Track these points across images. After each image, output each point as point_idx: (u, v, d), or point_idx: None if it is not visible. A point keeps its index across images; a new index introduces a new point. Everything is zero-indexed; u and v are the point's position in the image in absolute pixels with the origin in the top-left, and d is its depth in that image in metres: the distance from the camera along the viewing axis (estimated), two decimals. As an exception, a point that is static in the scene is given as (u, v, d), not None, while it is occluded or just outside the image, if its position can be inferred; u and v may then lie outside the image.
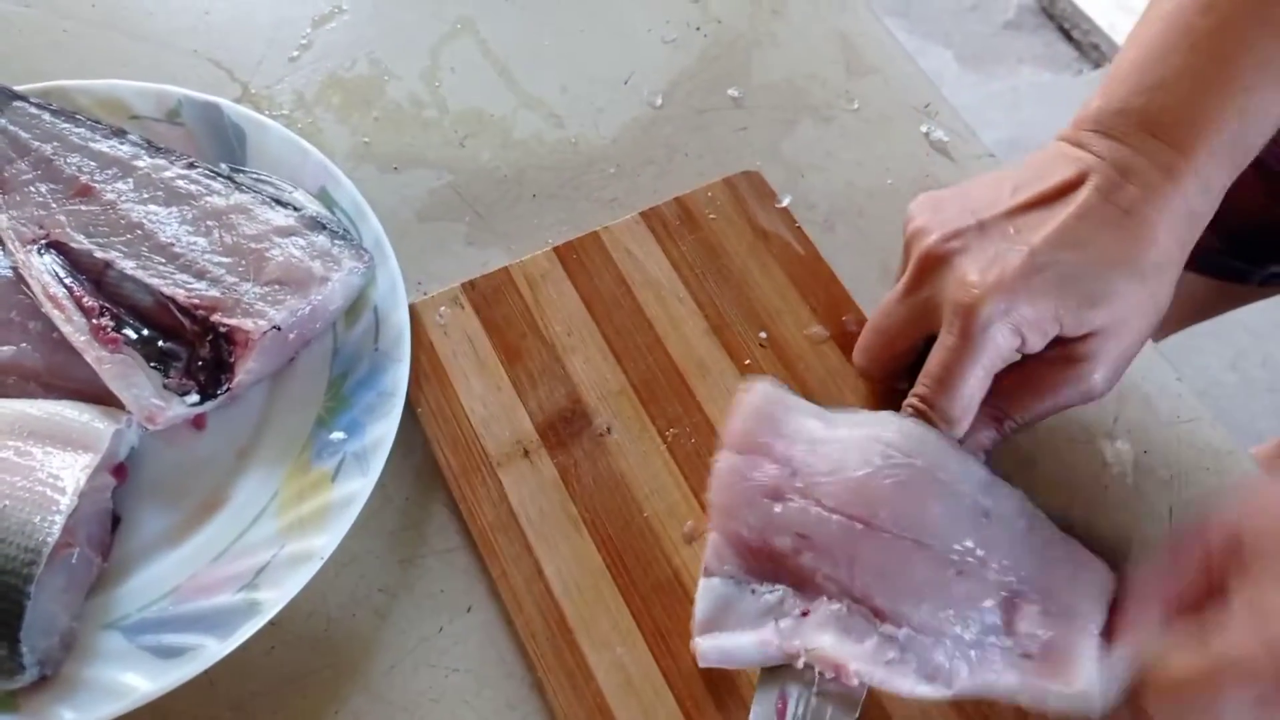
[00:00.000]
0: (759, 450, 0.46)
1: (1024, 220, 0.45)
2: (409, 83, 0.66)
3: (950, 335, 0.45)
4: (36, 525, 0.43)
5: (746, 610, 0.43)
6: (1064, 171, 0.46)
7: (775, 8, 0.71)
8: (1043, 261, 0.44)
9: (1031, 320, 0.44)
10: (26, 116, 0.54)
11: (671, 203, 0.60)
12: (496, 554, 0.49)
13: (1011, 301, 0.44)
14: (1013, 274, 0.44)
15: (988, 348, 0.44)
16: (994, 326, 0.44)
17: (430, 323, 0.55)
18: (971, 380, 0.45)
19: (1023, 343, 0.45)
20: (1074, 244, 0.44)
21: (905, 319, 0.49)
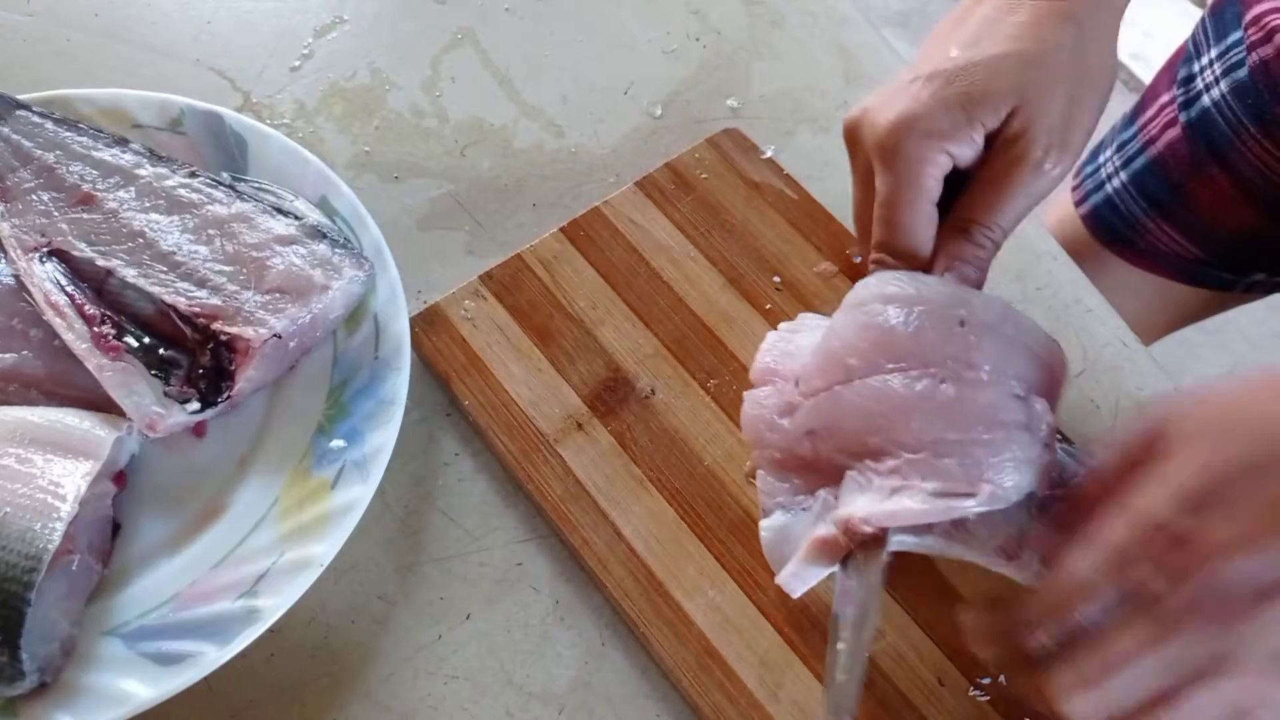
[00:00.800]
0: (768, 378, 0.47)
1: (924, 58, 0.47)
2: (410, 92, 0.66)
3: (880, 178, 0.46)
4: (37, 532, 0.43)
5: (797, 530, 0.44)
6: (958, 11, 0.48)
7: (774, 19, 0.71)
8: (934, 73, 0.45)
9: (939, 129, 0.45)
10: (29, 125, 0.54)
11: (664, 169, 0.61)
12: (573, 525, 0.50)
13: (914, 120, 0.45)
14: (909, 99, 0.45)
15: (912, 171, 0.45)
16: (906, 148, 0.45)
17: (457, 318, 0.55)
18: (910, 208, 0.46)
19: (950, 157, 0.46)
20: (961, 46, 0.46)
21: (860, 192, 0.49)
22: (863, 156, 0.48)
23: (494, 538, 0.51)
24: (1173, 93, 0.72)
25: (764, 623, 0.48)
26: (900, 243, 0.46)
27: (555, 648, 0.48)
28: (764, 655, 0.47)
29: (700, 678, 0.46)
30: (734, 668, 0.47)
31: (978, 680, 0.47)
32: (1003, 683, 0.47)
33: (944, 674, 0.47)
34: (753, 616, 0.48)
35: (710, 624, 0.48)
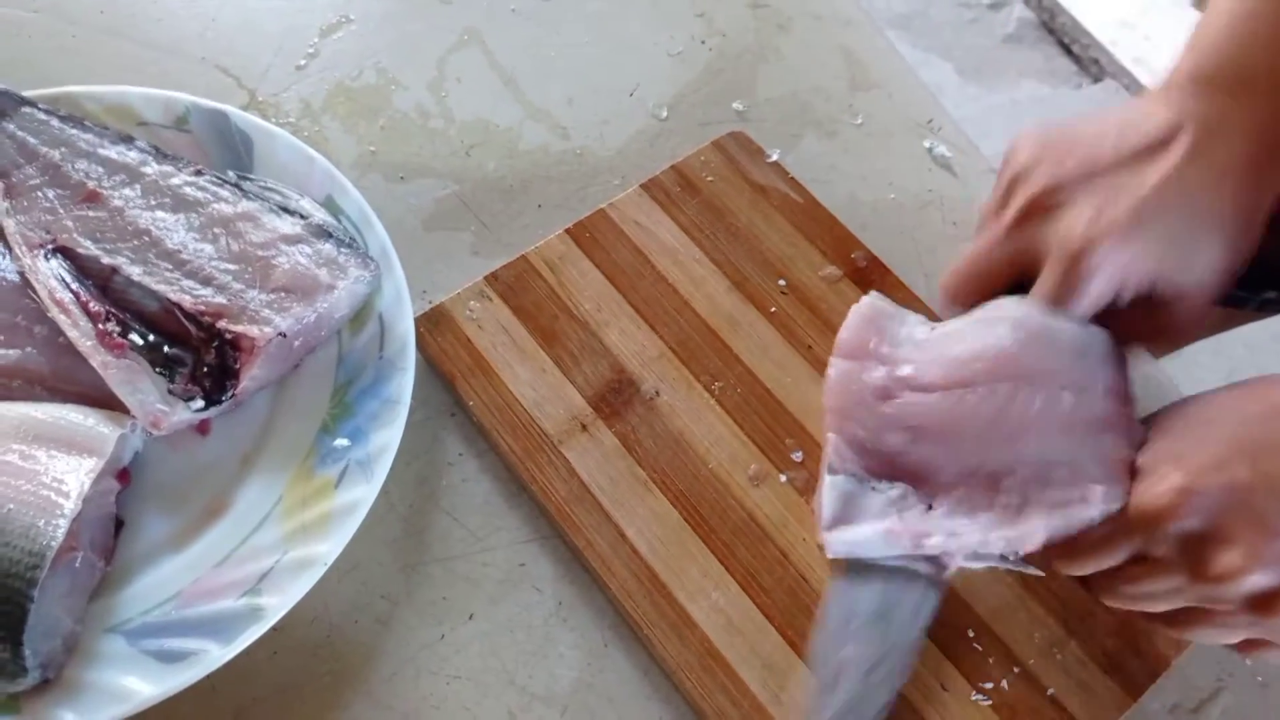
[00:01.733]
0: (867, 355, 0.48)
1: (1129, 171, 0.46)
2: (415, 92, 0.66)
3: (1051, 278, 0.46)
4: (40, 529, 0.43)
5: (870, 505, 0.45)
6: (1161, 124, 0.47)
7: (780, 22, 0.71)
8: (1148, 216, 0.45)
9: (1133, 271, 0.45)
10: (35, 122, 0.54)
11: (669, 171, 0.62)
12: (577, 526, 0.50)
13: (1118, 252, 0.45)
14: (1119, 226, 0.45)
15: (1089, 292, 0.45)
16: (1097, 276, 0.45)
17: (462, 319, 0.55)
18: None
19: (1120, 291, 0.46)
20: (1174, 199, 0.45)
21: (1004, 260, 0.49)
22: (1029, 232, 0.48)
23: (497, 538, 0.51)
24: None
25: (767, 625, 0.48)
26: None
27: (558, 648, 0.48)
28: (767, 658, 0.47)
29: (703, 680, 0.46)
30: (737, 670, 0.47)
31: (980, 685, 0.47)
32: (1004, 688, 0.47)
33: (946, 679, 0.47)
34: (756, 619, 0.48)
35: (713, 626, 0.48)
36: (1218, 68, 0.47)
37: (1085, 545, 0.43)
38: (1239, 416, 0.42)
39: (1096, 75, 2.02)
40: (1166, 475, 0.41)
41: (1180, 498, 0.40)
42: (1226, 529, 0.39)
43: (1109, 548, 0.42)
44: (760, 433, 0.53)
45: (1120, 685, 0.47)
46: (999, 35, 2.13)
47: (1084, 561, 0.43)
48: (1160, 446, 0.43)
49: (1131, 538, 0.42)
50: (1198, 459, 0.41)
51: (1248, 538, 0.39)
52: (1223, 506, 0.39)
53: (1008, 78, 2.06)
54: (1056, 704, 0.47)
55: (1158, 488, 0.41)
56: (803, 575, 0.49)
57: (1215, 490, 0.40)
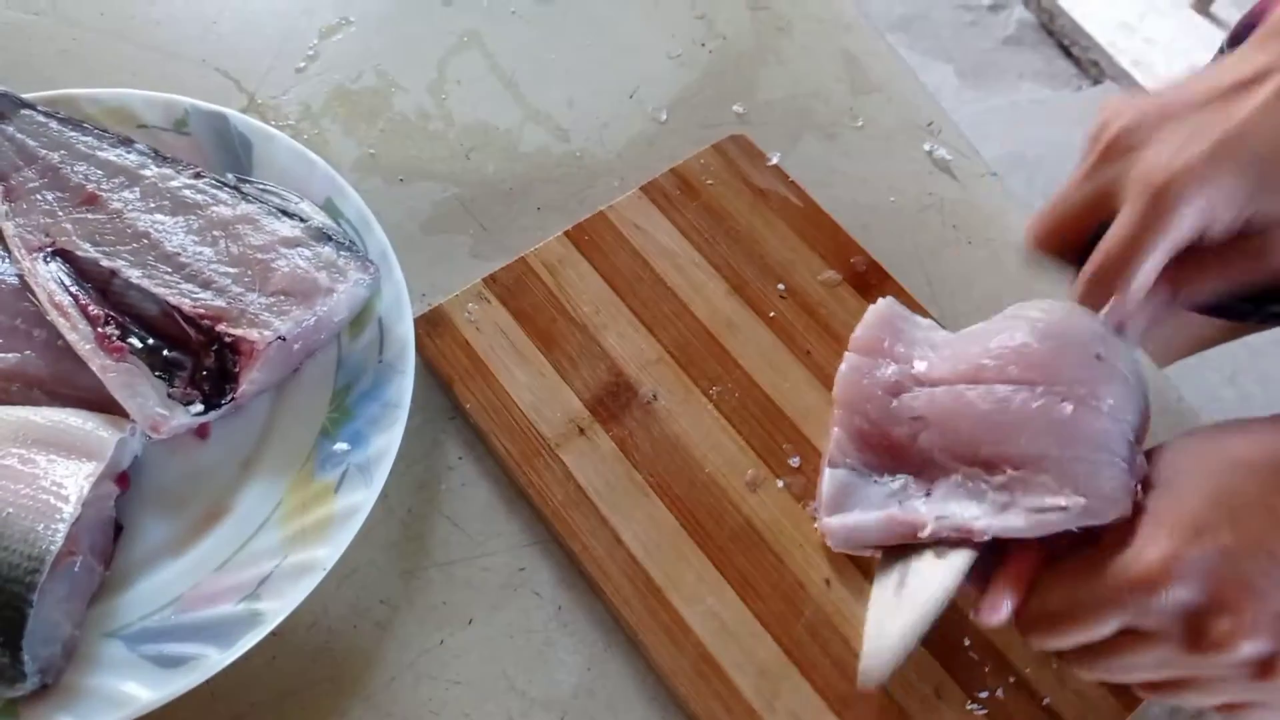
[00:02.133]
0: (881, 352, 0.48)
1: (1213, 111, 0.45)
2: (415, 95, 0.66)
3: (1134, 212, 0.44)
4: (40, 533, 0.43)
5: (870, 496, 0.45)
6: (1248, 68, 0.46)
7: (780, 25, 0.71)
8: (1235, 144, 0.43)
9: (1221, 203, 0.44)
10: (34, 124, 0.54)
11: (669, 174, 0.61)
12: (574, 530, 0.50)
13: (1201, 184, 0.43)
14: (1205, 156, 0.43)
15: (1174, 227, 0.44)
16: (1184, 206, 0.43)
17: (460, 321, 0.55)
18: (1150, 259, 0.44)
19: (1209, 224, 0.44)
20: (1264, 129, 0.44)
21: (1087, 199, 0.48)
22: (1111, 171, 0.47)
23: (497, 542, 0.51)
24: None
25: (762, 632, 0.48)
26: (1123, 282, 0.45)
27: (558, 653, 0.48)
28: (761, 665, 0.47)
29: (697, 685, 0.46)
30: (731, 676, 0.46)
31: (975, 694, 0.47)
32: (999, 697, 0.47)
33: (941, 687, 0.47)
34: (751, 626, 0.48)
35: (708, 632, 0.47)
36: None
37: (1069, 617, 0.41)
38: (1210, 470, 0.41)
39: (1096, 77, 2.02)
40: (1151, 542, 0.39)
41: (1167, 566, 0.38)
42: (1217, 597, 0.38)
43: (1095, 620, 0.40)
44: (758, 438, 0.53)
45: (1115, 694, 0.47)
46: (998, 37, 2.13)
47: (1068, 634, 0.41)
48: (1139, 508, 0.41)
49: (1121, 608, 0.40)
50: (1177, 520, 0.39)
51: (1239, 604, 0.37)
52: (1212, 574, 0.38)
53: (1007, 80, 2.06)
54: (1052, 713, 0.47)
55: (1143, 557, 0.39)
56: (799, 581, 0.49)
57: (1201, 557, 0.38)
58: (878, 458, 0.46)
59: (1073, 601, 0.41)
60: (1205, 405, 0.59)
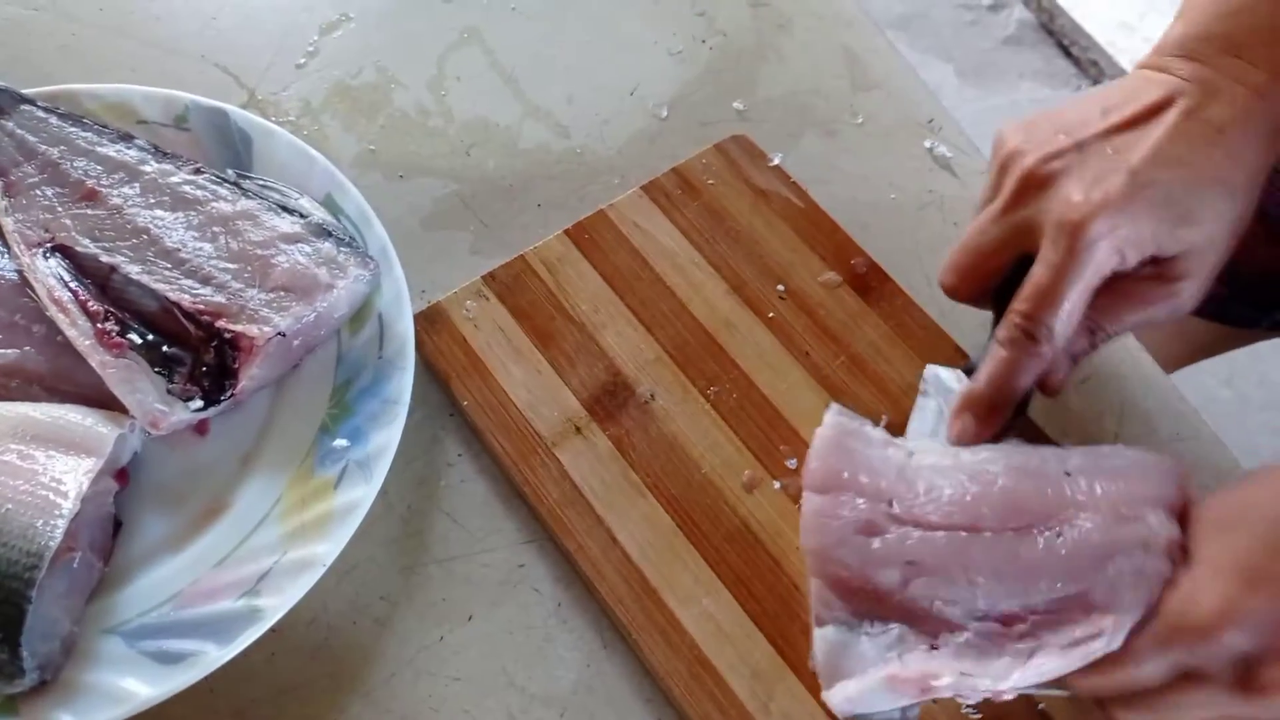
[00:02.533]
0: (843, 487, 0.45)
1: (1120, 140, 0.47)
2: (415, 91, 0.66)
3: (1054, 252, 0.46)
4: (39, 529, 0.43)
5: (864, 652, 0.42)
6: (1153, 93, 0.47)
7: (780, 22, 0.71)
8: (1144, 181, 0.45)
9: (1133, 239, 0.45)
10: (34, 120, 0.54)
11: (670, 173, 0.61)
12: (569, 529, 0.50)
13: (1116, 220, 0.45)
14: (1116, 193, 0.45)
15: (1092, 264, 0.45)
16: (1099, 244, 0.45)
17: (459, 318, 0.55)
18: (1075, 295, 0.46)
19: (1122, 260, 0.46)
20: (1171, 163, 0.46)
21: (1001, 238, 0.49)
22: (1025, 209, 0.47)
23: (497, 539, 0.51)
24: None
25: (757, 633, 0.47)
26: (1050, 321, 0.46)
27: (557, 650, 0.48)
28: (756, 666, 0.47)
29: (691, 687, 0.46)
30: (726, 678, 0.46)
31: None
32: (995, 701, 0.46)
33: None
34: (746, 626, 0.48)
35: (703, 633, 0.47)
36: (1209, 33, 0.47)
37: (1116, 663, 0.40)
38: (1266, 518, 0.40)
39: (1095, 77, 2.02)
40: (1207, 588, 0.39)
41: (1225, 616, 0.38)
42: (1275, 645, 0.37)
43: (1144, 666, 0.39)
44: (755, 439, 0.52)
45: None
46: (998, 37, 2.12)
47: (1113, 679, 0.40)
48: (1194, 556, 0.41)
49: (1177, 656, 0.39)
50: (1237, 567, 0.39)
51: None
52: (1268, 622, 0.37)
53: (1007, 79, 2.06)
54: (1046, 718, 0.47)
55: (1202, 604, 0.38)
56: (795, 583, 0.49)
57: (1261, 604, 0.37)
58: (864, 605, 0.43)
59: (1129, 651, 0.40)
60: (1203, 407, 0.59)
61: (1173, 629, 0.39)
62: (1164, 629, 0.39)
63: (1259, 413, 1.51)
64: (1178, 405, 0.57)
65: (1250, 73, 0.46)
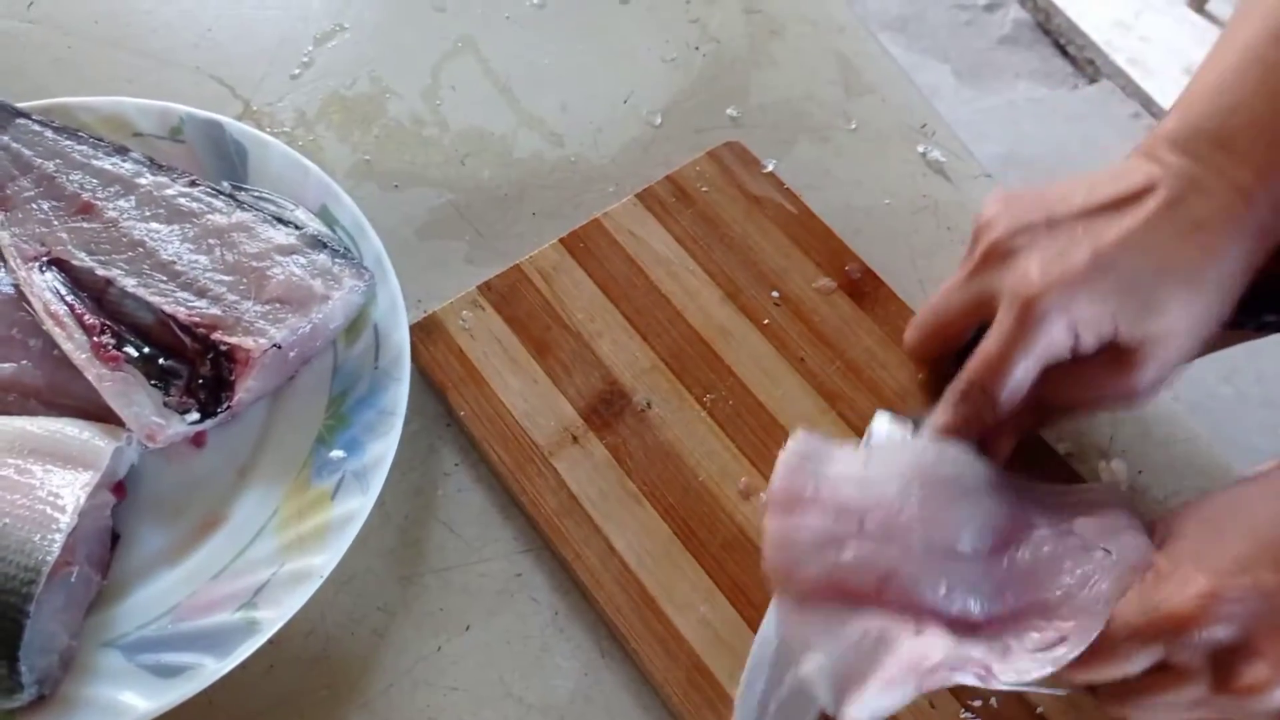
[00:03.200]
0: (804, 506, 0.45)
1: (1092, 222, 0.46)
2: (410, 101, 0.66)
3: (1006, 323, 0.46)
4: (36, 544, 0.43)
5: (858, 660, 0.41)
6: (1136, 180, 0.47)
7: (773, 28, 0.71)
8: (1106, 264, 0.45)
9: (1088, 320, 0.45)
10: (29, 134, 0.54)
11: (664, 181, 0.61)
12: (566, 539, 0.50)
13: (1071, 299, 0.45)
14: (1075, 272, 0.45)
15: (1041, 340, 0.45)
16: (1051, 321, 0.45)
17: (455, 329, 0.55)
18: (1021, 367, 0.46)
19: (1077, 341, 0.46)
20: (1138, 250, 0.45)
21: (964, 303, 0.50)
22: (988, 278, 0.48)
23: (494, 549, 0.51)
24: None
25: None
26: (995, 389, 0.47)
27: (555, 659, 0.48)
28: None
29: (690, 695, 0.46)
30: (725, 686, 0.46)
31: (968, 702, 0.47)
32: (993, 705, 0.47)
33: (935, 696, 0.47)
34: (744, 634, 0.48)
35: (701, 641, 0.47)
36: (1198, 129, 0.47)
37: (1102, 655, 0.41)
38: (1260, 514, 0.41)
39: (1092, 76, 2.02)
40: (1190, 579, 0.39)
41: (1205, 604, 0.38)
42: (1254, 639, 0.37)
43: (1128, 657, 0.40)
44: (752, 446, 0.53)
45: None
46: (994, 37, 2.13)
47: (1100, 671, 0.41)
48: (1180, 548, 0.41)
49: (1152, 646, 0.39)
50: (1220, 561, 0.39)
51: (1278, 649, 0.37)
52: (1250, 614, 0.38)
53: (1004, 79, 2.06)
54: (1045, 720, 0.47)
55: (1182, 594, 0.39)
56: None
57: (1241, 596, 0.38)
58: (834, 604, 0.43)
59: (1109, 635, 0.40)
60: (1201, 404, 0.59)
61: (1154, 621, 0.39)
62: (1147, 621, 0.39)
63: (1258, 410, 1.52)
64: (1172, 407, 0.57)
65: (1237, 171, 0.45)
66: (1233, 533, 0.40)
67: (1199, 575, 0.39)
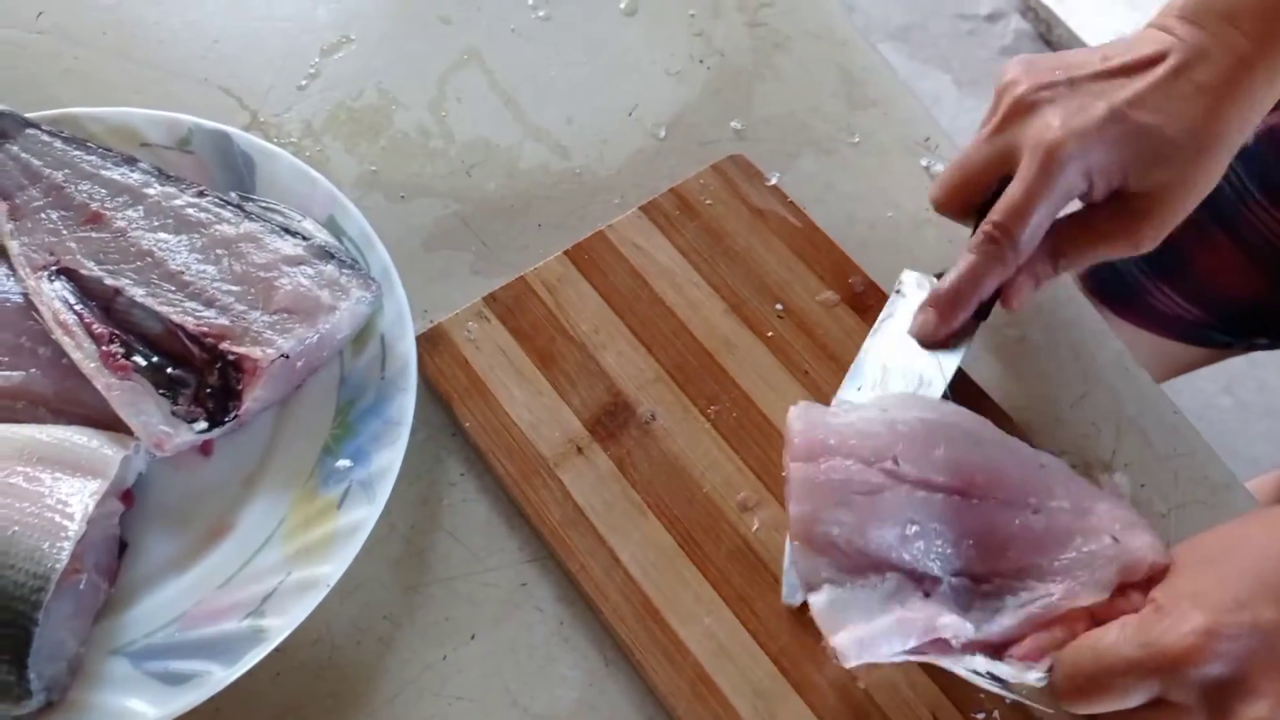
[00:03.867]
0: (828, 451, 0.46)
1: (1109, 83, 0.50)
2: (416, 112, 0.66)
3: (1029, 171, 0.49)
4: (45, 551, 0.43)
5: (866, 603, 0.43)
6: (1149, 48, 0.51)
7: (777, 41, 0.72)
8: (1121, 118, 0.49)
9: (1102, 168, 0.49)
10: (38, 144, 0.54)
11: (668, 194, 0.62)
12: (571, 550, 0.50)
13: (1088, 147, 0.49)
14: (1092, 125, 0.49)
15: (1060, 185, 0.49)
16: (1069, 167, 0.49)
17: (460, 339, 0.56)
18: (1041, 211, 0.50)
19: (1090, 188, 0.50)
20: (1150, 109, 0.49)
21: (987, 158, 0.53)
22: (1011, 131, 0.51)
23: (499, 558, 0.51)
24: None
25: (759, 652, 0.48)
26: (1017, 233, 0.50)
27: (559, 669, 0.49)
28: (758, 685, 0.47)
29: (694, 706, 0.46)
30: (729, 697, 0.47)
31: (971, 715, 0.47)
32: (996, 718, 0.47)
33: (938, 709, 0.47)
34: (748, 645, 0.48)
35: (706, 652, 0.48)
36: (1206, 4, 0.50)
37: (1101, 684, 0.41)
38: (1261, 552, 0.41)
39: (1093, 87, 2.02)
40: (1187, 615, 0.39)
41: (1203, 641, 0.38)
42: (1252, 677, 0.37)
43: (1125, 691, 0.40)
44: (755, 458, 0.53)
45: None
46: (996, 47, 2.13)
47: (1099, 701, 0.41)
48: (1179, 584, 0.41)
49: (1150, 680, 0.39)
50: (1219, 597, 0.39)
51: (1275, 687, 0.37)
52: (1248, 651, 0.38)
53: (1005, 89, 2.06)
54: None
55: (1179, 629, 0.39)
56: (799, 601, 0.49)
57: (1239, 634, 0.38)
58: (852, 560, 0.44)
59: (1107, 667, 0.40)
60: (1202, 415, 0.60)
61: (1151, 656, 0.39)
62: (1144, 656, 0.39)
63: (1259, 421, 1.52)
64: (1174, 420, 0.58)
65: (1240, 42, 0.49)
66: (1232, 569, 0.40)
67: (1196, 613, 0.39)
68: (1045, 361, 0.59)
